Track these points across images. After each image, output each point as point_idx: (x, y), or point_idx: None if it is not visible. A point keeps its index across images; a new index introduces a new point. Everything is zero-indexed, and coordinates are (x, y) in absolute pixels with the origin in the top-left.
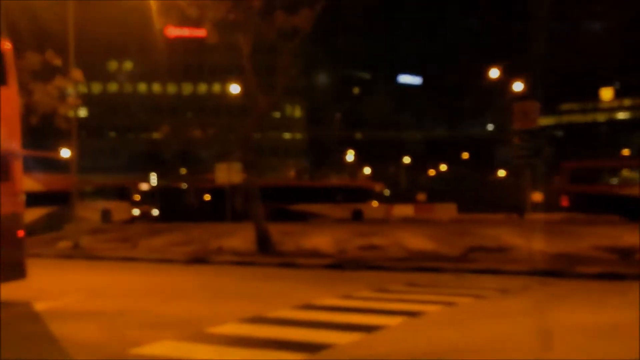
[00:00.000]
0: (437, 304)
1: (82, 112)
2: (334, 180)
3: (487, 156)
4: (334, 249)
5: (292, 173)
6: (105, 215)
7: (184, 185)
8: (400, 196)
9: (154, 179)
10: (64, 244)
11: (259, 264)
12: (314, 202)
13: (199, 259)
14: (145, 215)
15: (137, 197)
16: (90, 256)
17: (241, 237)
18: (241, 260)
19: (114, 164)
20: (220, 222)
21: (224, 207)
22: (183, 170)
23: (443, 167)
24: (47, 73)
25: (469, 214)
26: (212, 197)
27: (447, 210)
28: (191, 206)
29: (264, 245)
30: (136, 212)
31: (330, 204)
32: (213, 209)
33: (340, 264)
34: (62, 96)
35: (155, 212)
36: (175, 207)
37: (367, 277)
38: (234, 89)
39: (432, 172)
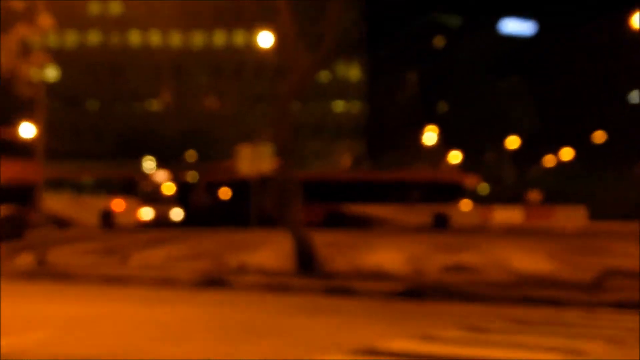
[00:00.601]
0: (557, 351)
1: (52, 74)
2: (408, 171)
3: (632, 138)
4: (406, 270)
5: (346, 161)
6: (106, 218)
7: (192, 177)
8: (504, 195)
9: (151, 166)
10: (24, 259)
11: (298, 289)
12: (378, 202)
13: (213, 281)
14: (162, 219)
15: (151, 192)
16: (61, 275)
17: (272, 250)
18: (273, 282)
19: (95, 146)
20: (243, 227)
21: (248, 208)
22: (191, 156)
23: (566, 154)
24: (3, 19)
25: (605, 221)
26: (231, 193)
27: (572, 216)
28: (201, 206)
29: (306, 262)
30: (148, 214)
31: (401, 205)
32: (232, 210)
33: (415, 290)
34: (25, 51)
35: (176, 214)
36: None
37: (454, 311)
38: (264, 40)
39: (550, 161)
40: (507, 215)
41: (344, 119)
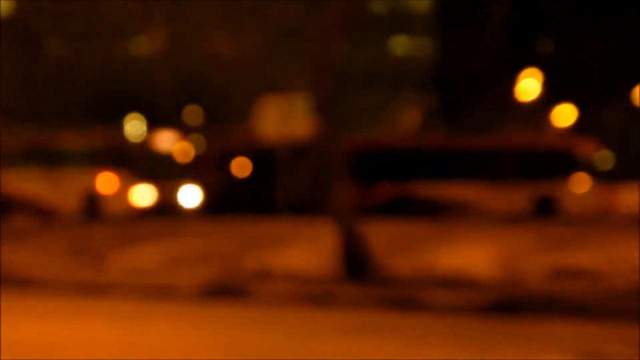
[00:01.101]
0: None
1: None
2: (498, 136)
3: None
4: (496, 275)
5: (411, 122)
6: (91, 203)
7: (197, 145)
8: (634, 169)
9: (139, 128)
10: None
11: (344, 302)
12: (457, 179)
13: (225, 290)
14: (168, 204)
15: (152, 164)
16: (20, 281)
17: (308, 248)
18: (309, 292)
19: (55, 104)
20: (267, 215)
21: (274, 188)
22: (193, 115)
23: None
24: None
25: None
26: (251, 168)
27: None
28: (211, 186)
29: (356, 264)
30: (147, 196)
31: (490, 183)
32: (253, 192)
33: (510, 303)
34: None
35: (189, 195)
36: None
37: (564, 332)
38: None
39: None
40: (638, 197)
41: (408, 65)
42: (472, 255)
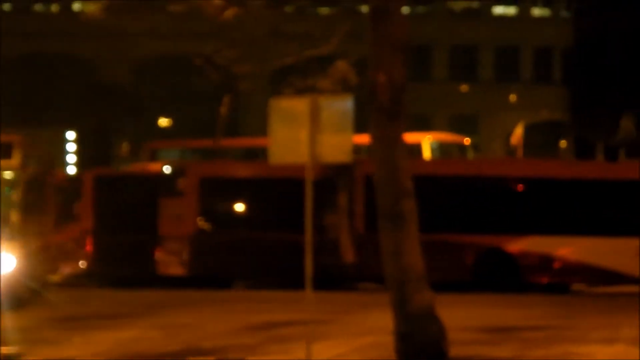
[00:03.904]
0: None
1: None
2: None
3: None
4: None
5: (515, 139)
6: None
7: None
8: None
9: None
10: None
11: None
12: (593, 233)
13: None
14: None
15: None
16: None
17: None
18: None
19: None
20: (289, 287)
21: (299, 243)
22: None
23: None
24: None
25: None
26: (256, 203)
27: None
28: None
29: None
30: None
31: None
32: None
33: None
34: None
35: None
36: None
37: None
38: None
39: None
40: None
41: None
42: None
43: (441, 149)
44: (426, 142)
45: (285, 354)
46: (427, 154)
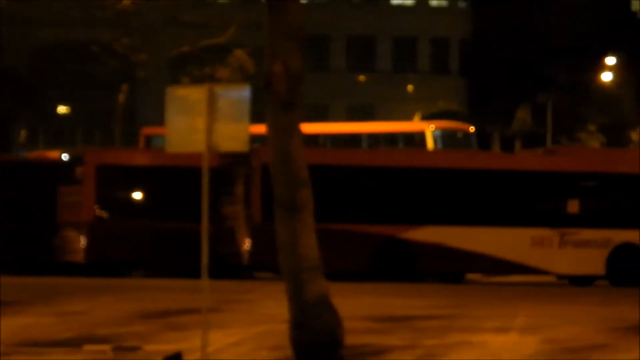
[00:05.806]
0: None
1: None
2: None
3: None
4: None
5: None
6: None
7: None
8: None
9: None
10: None
11: None
12: (488, 222)
13: None
14: None
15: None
16: None
17: (240, 334)
18: None
19: None
20: (186, 276)
21: (196, 232)
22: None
23: None
24: None
25: None
26: (140, 193)
27: None
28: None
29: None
30: None
31: (544, 229)
32: (145, 237)
33: None
34: None
35: None
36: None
37: None
38: None
39: None
40: None
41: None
42: None
43: (445, 137)
44: (429, 131)
45: (181, 342)
46: (430, 143)
